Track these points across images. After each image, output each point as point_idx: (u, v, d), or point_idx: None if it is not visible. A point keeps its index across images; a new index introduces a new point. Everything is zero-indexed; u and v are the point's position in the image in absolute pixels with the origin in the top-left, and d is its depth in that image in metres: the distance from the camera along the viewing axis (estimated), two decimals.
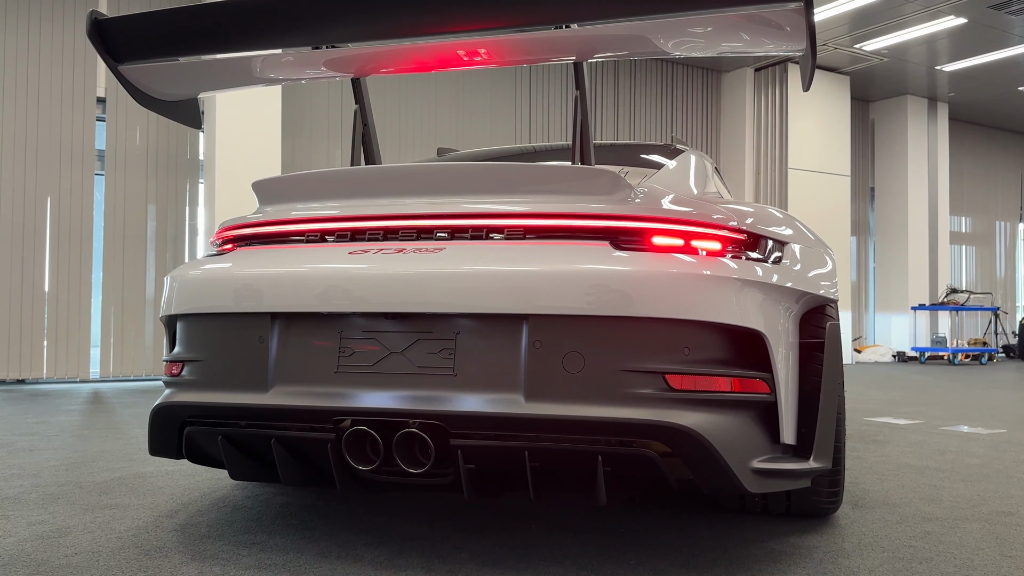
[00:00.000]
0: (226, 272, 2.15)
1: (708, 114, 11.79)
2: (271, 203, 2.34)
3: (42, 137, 7.51)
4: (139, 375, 7.82)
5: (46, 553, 2.08)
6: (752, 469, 1.89)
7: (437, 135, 9.49)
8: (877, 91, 12.74)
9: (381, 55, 2.44)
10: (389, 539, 2.20)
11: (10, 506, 2.58)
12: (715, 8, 1.97)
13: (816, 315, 2.19)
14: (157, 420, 2.18)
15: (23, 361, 7.36)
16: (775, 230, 2.20)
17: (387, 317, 1.97)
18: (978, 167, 14.87)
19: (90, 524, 2.36)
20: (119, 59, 2.40)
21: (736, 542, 2.21)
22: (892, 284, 13.01)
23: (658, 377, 1.83)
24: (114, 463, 3.32)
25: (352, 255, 2.01)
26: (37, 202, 7.48)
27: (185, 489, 2.83)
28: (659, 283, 1.83)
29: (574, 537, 2.24)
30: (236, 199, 7.55)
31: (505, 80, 10.02)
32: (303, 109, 8.73)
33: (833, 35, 10.20)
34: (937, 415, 5.28)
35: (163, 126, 7.98)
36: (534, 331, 1.85)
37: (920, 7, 9.24)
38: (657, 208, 2.00)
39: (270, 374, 2.04)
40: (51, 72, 7.57)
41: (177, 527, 2.33)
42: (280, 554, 2.07)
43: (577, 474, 1.90)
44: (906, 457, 3.59)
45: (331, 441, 1.93)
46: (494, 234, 2.00)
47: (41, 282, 7.47)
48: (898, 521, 2.46)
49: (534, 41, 2.28)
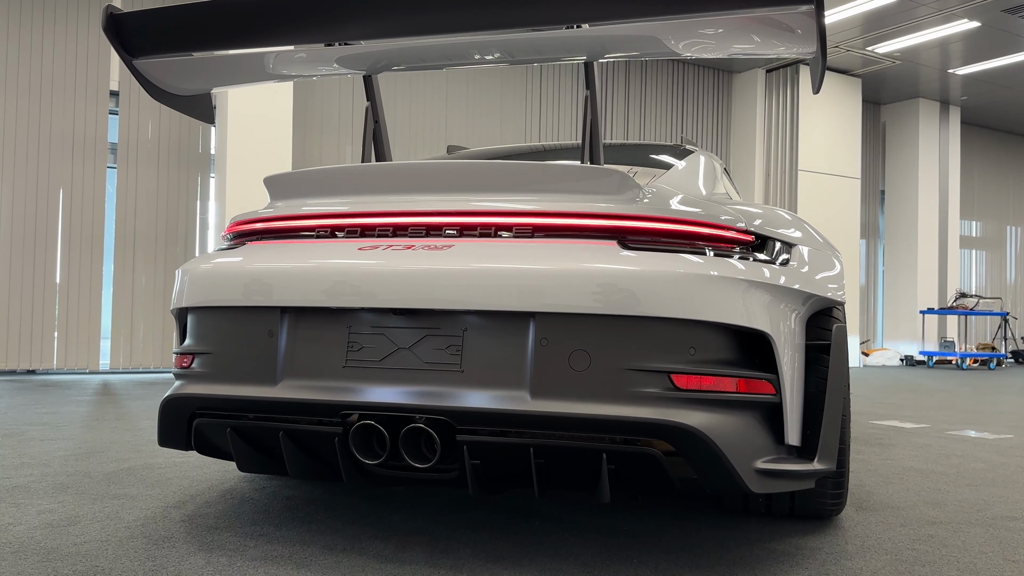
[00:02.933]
0: (237, 266, 2.17)
1: (718, 115, 11.76)
2: (282, 198, 2.35)
3: (55, 130, 7.56)
4: (148, 367, 7.87)
5: (55, 541, 2.10)
6: (756, 470, 1.89)
7: (447, 133, 9.51)
8: (889, 94, 12.68)
9: (393, 52, 2.45)
10: (394, 533, 2.22)
11: (20, 495, 2.61)
12: (726, 10, 1.98)
13: (823, 317, 2.19)
14: (167, 412, 2.21)
15: (34, 352, 7.42)
16: (783, 232, 2.20)
17: (395, 313, 1.98)
18: (990, 171, 14.79)
19: (99, 513, 2.39)
20: (134, 54, 2.42)
21: (739, 542, 2.22)
22: (901, 287, 12.95)
23: (664, 376, 1.84)
24: (123, 454, 3.35)
25: (362, 251, 2.03)
26: (49, 194, 7.53)
27: (193, 480, 2.86)
28: (666, 283, 1.84)
29: (577, 534, 2.25)
30: (247, 193, 7.58)
31: (516, 79, 10.02)
32: (314, 105, 8.76)
33: (845, 37, 10.16)
34: (944, 419, 5.26)
35: (175, 120, 8.02)
36: (541, 329, 1.86)
37: (933, 10, 9.19)
38: (665, 208, 2.01)
39: (279, 368, 2.06)
40: (64, 65, 7.62)
41: (185, 518, 2.36)
42: (286, 546, 2.09)
43: (581, 472, 1.91)
44: (911, 461, 3.58)
45: (338, 435, 1.95)
46: (503, 232, 2.02)
47: (52, 274, 7.53)
48: (902, 524, 2.46)
49: (545, 40, 2.29)
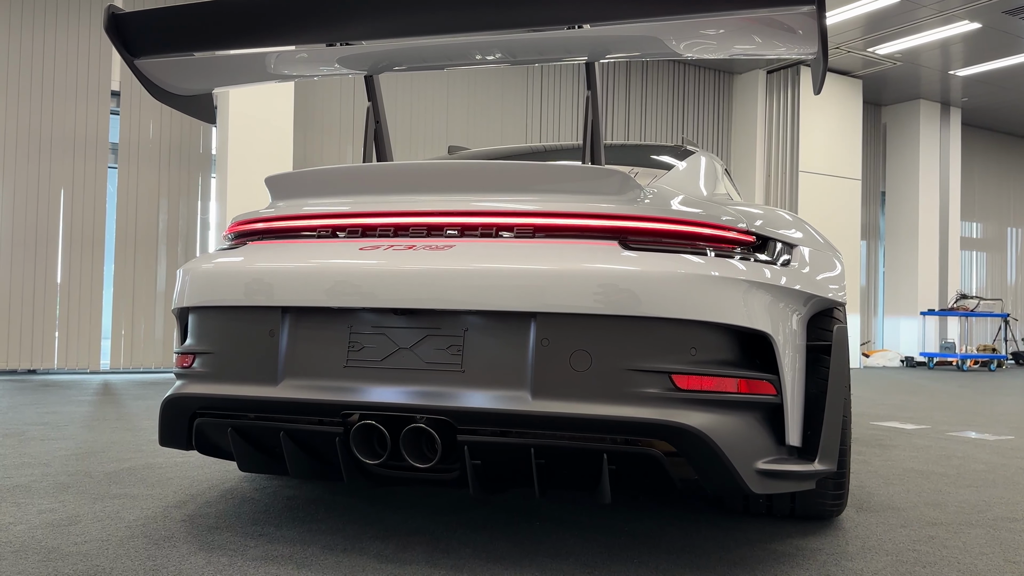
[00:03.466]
0: (238, 266, 2.17)
1: (719, 115, 11.76)
2: (283, 198, 2.36)
3: (56, 130, 7.56)
4: (149, 367, 7.87)
5: (56, 541, 2.10)
6: (756, 470, 1.89)
7: (448, 133, 9.51)
8: (890, 95, 12.68)
9: (394, 53, 2.46)
10: (394, 533, 2.22)
11: (21, 494, 2.61)
12: (726, 10, 1.98)
13: (824, 318, 2.19)
14: (168, 411, 2.21)
15: (35, 351, 7.42)
16: (784, 233, 2.20)
17: (396, 313, 1.98)
18: (990, 173, 14.78)
19: (100, 513, 2.39)
20: (135, 53, 2.43)
21: (740, 543, 2.22)
22: (902, 288, 12.95)
23: (664, 377, 1.84)
24: (124, 453, 3.36)
25: (363, 251, 2.03)
26: (51, 194, 7.53)
27: (194, 480, 2.86)
28: (667, 283, 1.84)
29: (578, 534, 2.25)
30: (248, 193, 7.58)
31: (517, 79, 10.02)
32: (316, 104, 8.76)
33: (846, 38, 10.15)
34: (944, 420, 5.26)
35: (176, 120, 8.02)
36: (542, 329, 1.87)
37: (934, 11, 9.19)
38: (666, 209, 2.01)
39: (280, 367, 2.06)
40: (66, 65, 7.63)
41: (185, 517, 2.36)
42: (287, 546, 2.09)
43: (582, 472, 1.91)
44: (912, 462, 3.58)
45: (339, 435, 1.95)
46: (504, 232, 2.02)
47: (53, 273, 7.53)
48: (902, 525, 2.46)
49: (546, 41, 2.29)
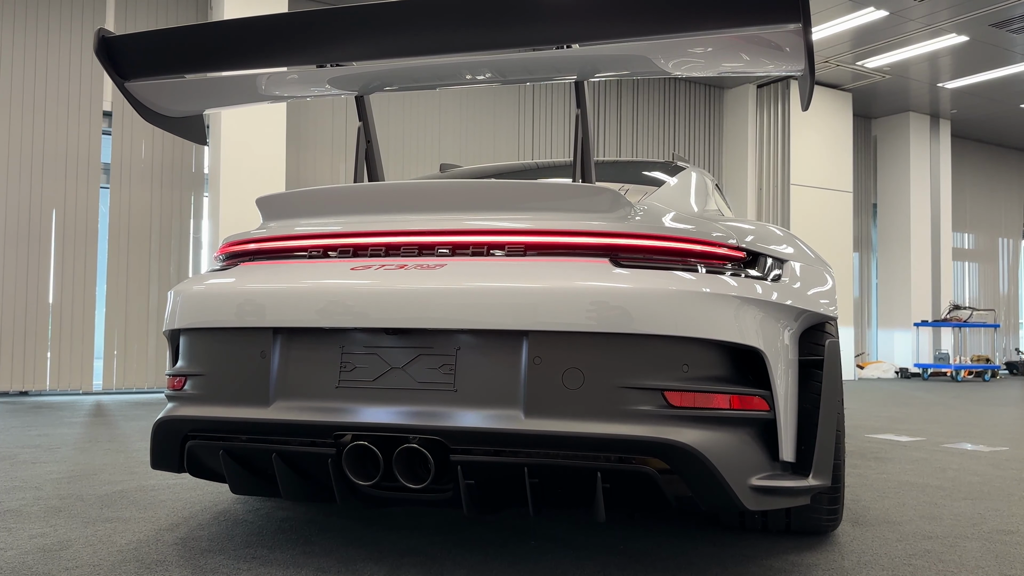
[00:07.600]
0: (229, 287, 2.17)
1: (710, 130, 11.84)
2: (275, 219, 2.36)
3: (48, 149, 7.57)
4: (142, 387, 7.83)
5: (47, 566, 2.08)
6: (751, 486, 1.89)
7: (440, 151, 9.54)
8: (879, 108, 12.79)
9: (385, 73, 2.47)
10: (388, 554, 2.21)
11: (12, 519, 2.58)
12: (714, 29, 2.00)
13: (815, 332, 2.20)
14: (159, 434, 2.19)
15: (26, 372, 7.38)
16: (775, 248, 2.21)
17: (388, 333, 1.98)
18: (980, 184, 14.90)
19: (91, 537, 2.37)
20: (126, 76, 2.44)
21: (735, 559, 2.21)
22: (895, 300, 13.00)
23: (657, 394, 1.84)
24: (116, 476, 3.33)
25: (354, 271, 2.03)
26: (43, 213, 7.52)
27: (186, 503, 2.84)
28: (659, 300, 1.85)
29: (573, 553, 2.24)
30: (240, 213, 7.58)
31: (509, 96, 10.08)
32: (307, 124, 8.79)
33: (835, 52, 10.25)
34: (939, 432, 5.26)
35: (168, 140, 8.04)
36: (534, 347, 1.86)
37: (922, 25, 9.29)
38: (657, 226, 2.02)
39: (271, 389, 2.05)
40: (58, 85, 7.64)
41: (178, 541, 2.34)
42: (280, 569, 2.08)
43: (576, 490, 1.90)
44: (907, 475, 3.58)
45: (331, 456, 1.94)
46: (495, 251, 2.02)
47: (45, 293, 7.50)
48: (898, 539, 2.46)
49: (536, 60, 2.31)
